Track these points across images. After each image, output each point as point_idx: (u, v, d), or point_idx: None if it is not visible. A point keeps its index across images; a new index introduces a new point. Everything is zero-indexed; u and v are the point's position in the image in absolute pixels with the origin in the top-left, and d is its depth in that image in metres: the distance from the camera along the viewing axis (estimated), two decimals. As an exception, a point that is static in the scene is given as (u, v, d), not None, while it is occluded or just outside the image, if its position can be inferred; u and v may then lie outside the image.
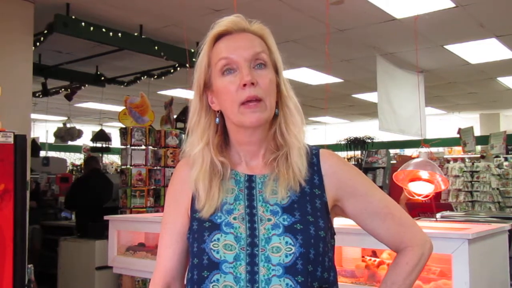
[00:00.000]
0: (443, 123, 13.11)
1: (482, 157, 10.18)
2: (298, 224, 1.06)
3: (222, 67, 1.10)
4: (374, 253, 2.66)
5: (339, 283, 1.16)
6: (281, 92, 1.15)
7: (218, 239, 1.06)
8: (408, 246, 1.16)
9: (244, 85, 1.07)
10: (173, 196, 1.21)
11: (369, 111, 11.25)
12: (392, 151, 11.20)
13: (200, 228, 1.09)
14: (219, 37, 1.13)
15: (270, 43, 1.15)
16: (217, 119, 1.15)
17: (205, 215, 1.10)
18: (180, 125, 7.32)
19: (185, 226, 1.16)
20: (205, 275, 1.06)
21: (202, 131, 1.14)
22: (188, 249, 1.16)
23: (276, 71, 1.15)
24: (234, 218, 1.09)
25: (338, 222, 1.22)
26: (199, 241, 1.08)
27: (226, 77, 1.09)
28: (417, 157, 3.76)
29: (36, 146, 9.05)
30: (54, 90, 7.93)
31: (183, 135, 5.98)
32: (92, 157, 6.77)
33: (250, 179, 1.14)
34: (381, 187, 8.34)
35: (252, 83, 1.07)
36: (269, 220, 1.07)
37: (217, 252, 1.05)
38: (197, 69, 1.15)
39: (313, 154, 1.17)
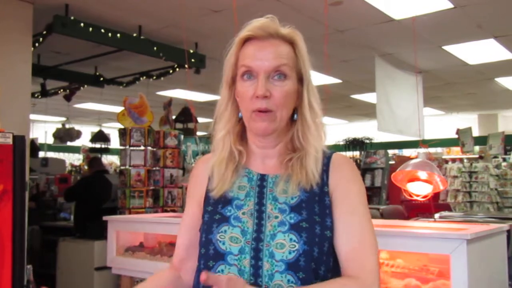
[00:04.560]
0: (441, 124, 13.12)
1: (481, 157, 10.18)
2: (304, 223, 1.08)
3: (243, 73, 1.13)
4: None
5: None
6: (302, 100, 1.17)
7: (225, 231, 1.10)
8: (355, 277, 1.07)
9: (257, 96, 1.10)
10: (189, 190, 1.29)
11: (368, 111, 11.26)
12: (391, 152, 11.21)
13: (210, 220, 1.14)
14: (247, 39, 1.15)
15: (299, 51, 1.16)
16: (240, 114, 1.19)
17: (215, 195, 1.15)
18: (179, 125, 7.32)
19: (196, 219, 1.21)
20: (211, 265, 1.10)
21: (226, 120, 1.20)
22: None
23: (301, 79, 1.16)
24: (243, 213, 1.12)
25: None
26: (207, 232, 1.13)
27: (246, 82, 1.13)
28: (416, 157, 3.77)
29: (35, 147, 9.04)
30: (53, 90, 7.93)
31: (182, 136, 5.95)
32: (95, 158, 6.72)
33: (263, 178, 1.17)
34: (379, 187, 8.36)
35: (266, 96, 1.10)
36: (276, 217, 1.10)
37: (223, 244, 1.09)
38: (226, 65, 1.19)
39: (326, 157, 1.19)
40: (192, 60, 6.00)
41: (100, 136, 10.08)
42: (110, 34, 5.23)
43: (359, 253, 1.08)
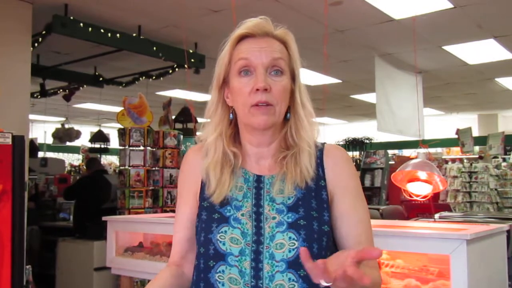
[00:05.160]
0: (441, 124, 13.13)
1: (480, 157, 10.19)
2: (301, 220, 1.09)
3: (240, 68, 1.13)
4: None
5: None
6: (295, 99, 1.18)
7: (226, 231, 1.10)
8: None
9: (257, 89, 1.10)
10: (182, 183, 1.25)
11: (368, 111, 11.26)
12: (391, 152, 11.21)
13: (209, 219, 1.13)
14: (242, 38, 1.16)
15: (292, 50, 1.18)
16: (231, 115, 1.19)
17: (215, 200, 1.13)
18: (178, 125, 7.31)
19: (193, 213, 1.19)
20: (211, 265, 1.09)
21: (217, 122, 1.19)
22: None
23: (293, 78, 1.18)
24: (242, 215, 1.12)
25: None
26: (206, 231, 1.12)
27: (242, 78, 1.13)
28: (416, 157, 3.77)
29: (34, 147, 9.03)
30: (52, 91, 7.93)
31: (181, 136, 5.94)
32: (92, 158, 6.74)
33: (259, 179, 1.17)
34: (379, 187, 8.35)
35: (265, 89, 1.10)
36: (274, 218, 1.10)
37: (224, 244, 1.09)
38: (218, 64, 1.19)
39: (318, 150, 1.19)
40: (192, 60, 6.00)
41: (99, 136, 10.07)
42: (109, 34, 5.23)
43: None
